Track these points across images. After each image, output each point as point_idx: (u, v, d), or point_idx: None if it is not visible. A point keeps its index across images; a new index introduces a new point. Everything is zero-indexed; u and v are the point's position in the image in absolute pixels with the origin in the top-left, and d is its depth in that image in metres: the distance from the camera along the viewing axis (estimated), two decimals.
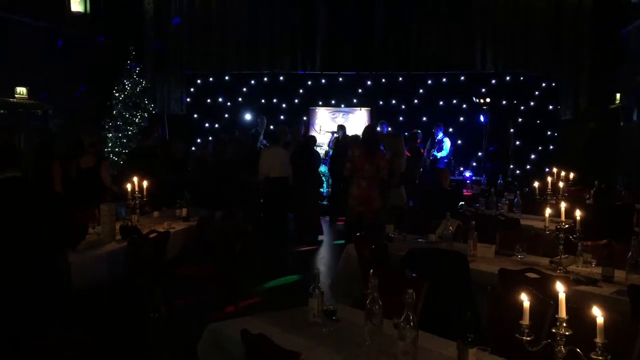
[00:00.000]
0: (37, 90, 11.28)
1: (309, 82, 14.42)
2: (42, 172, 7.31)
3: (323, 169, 12.48)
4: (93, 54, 12.72)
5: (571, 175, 8.78)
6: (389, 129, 12.01)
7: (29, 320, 3.79)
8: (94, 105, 12.70)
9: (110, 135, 12.54)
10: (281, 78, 14.43)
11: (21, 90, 11.03)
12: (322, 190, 12.57)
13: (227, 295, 6.03)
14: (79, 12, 12.56)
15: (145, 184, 6.30)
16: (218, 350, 3.29)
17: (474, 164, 13.40)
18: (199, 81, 14.64)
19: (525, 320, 2.53)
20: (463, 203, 8.50)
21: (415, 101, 14.17)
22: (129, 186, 6.14)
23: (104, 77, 12.88)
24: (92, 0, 12.88)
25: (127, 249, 5.17)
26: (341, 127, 12.65)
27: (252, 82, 14.49)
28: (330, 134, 13.26)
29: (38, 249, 3.84)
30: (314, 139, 11.32)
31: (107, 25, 13.21)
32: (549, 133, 13.71)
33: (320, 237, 10.14)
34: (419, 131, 11.70)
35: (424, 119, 13.86)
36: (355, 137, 10.28)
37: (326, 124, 14.12)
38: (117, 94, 12.87)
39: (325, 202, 12.51)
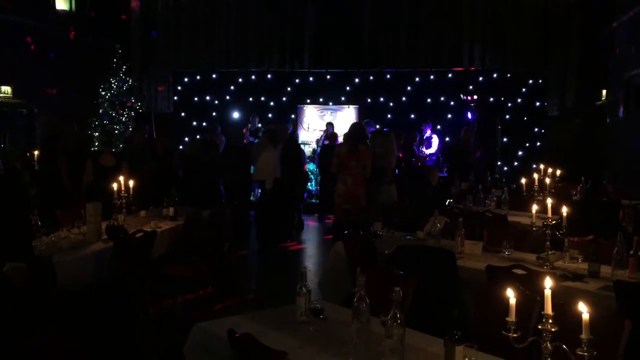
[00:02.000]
0: (22, 89, 11.17)
1: (297, 80, 14.40)
2: (49, 168, 7.42)
3: (311, 166, 12.46)
4: (79, 52, 12.61)
5: (558, 171, 8.83)
6: (377, 126, 12.02)
7: (15, 321, 3.75)
8: (80, 103, 12.59)
9: (97, 134, 12.45)
10: (269, 76, 14.39)
11: (6, 89, 10.91)
12: (310, 188, 12.56)
13: (214, 294, 6.01)
14: (64, 10, 12.43)
15: (131, 183, 6.26)
16: (205, 350, 3.27)
17: None
18: (186, 79, 14.57)
19: (512, 317, 2.53)
20: (451, 200, 8.54)
21: (404, 99, 14.18)
22: (115, 185, 6.10)
23: (90, 76, 12.78)
24: None
25: (114, 249, 5.13)
26: (330, 125, 12.65)
27: (240, 80, 14.44)
28: (320, 132, 13.26)
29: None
30: (296, 137, 11.30)
31: (93, 23, 13.10)
32: (536, 130, 13.78)
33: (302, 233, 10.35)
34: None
35: (412, 116, 13.89)
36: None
37: (314, 121, 14.11)
38: (103, 93, 12.78)
39: (314, 200, 12.50)
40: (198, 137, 13.83)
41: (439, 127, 13.53)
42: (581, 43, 12.98)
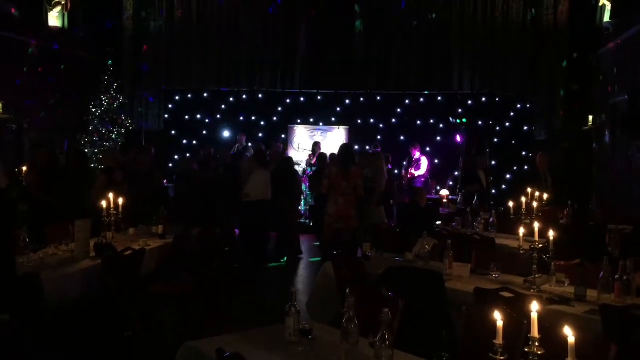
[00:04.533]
0: (12, 105, 11.14)
1: (288, 100, 14.47)
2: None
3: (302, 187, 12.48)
4: (70, 68, 12.62)
5: (545, 195, 8.90)
6: (378, 149, 12.09)
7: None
8: (71, 120, 12.58)
9: (87, 150, 12.42)
10: (260, 96, 14.46)
11: None
12: (300, 208, 12.57)
13: (203, 313, 5.97)
14: (57, 27, 12.48)
15: (121, 200, 6.25)
16: None
17: (451, 183, 13.52)
18: (177, 97, 14.61)
19: (499, 340, 2.56)
20: (440, 222, 8.58)
21: (393, 120, 14.30)
22: (104, 203, 6.09)
23: (81, 92, 12.79)
24: (71, 15, 12.81)
25: (101, 267, 5.11)
26: (317, 145, 12.75)
27: (231, 99, 14.50)
28: (309, 152, 13.32)
29: None
30: (291, 159, 11.35)
31: (86, 40, 13.15)
32: (523, 153, 13.91)
33: (300, 256, 10.26)
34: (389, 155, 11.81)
35: (402, 138, 13.99)
36: (332, 155, 10.34)
37: (304, 142, 14.17)
38: (94, 109, 12.77)
39: (304, 220, 12.51)
40: (188, 155, 13.81)
41: (428, 149, 13.63)
42: (568, 69, 13.19)
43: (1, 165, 7.43)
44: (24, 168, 9.59)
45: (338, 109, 14.42)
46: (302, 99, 14.44)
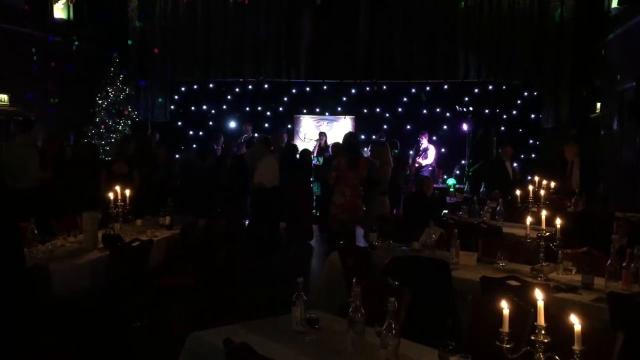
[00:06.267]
0: (18, 97, 11.17)
1: (294, 90, 14.45)
2: None
3: None
4: (76, 60, 12.64)
5: (552, 183, 8.87)
6: (382, 139, 12.05)
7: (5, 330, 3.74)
8: (77, 112, 12.61)
9: (94, 142, 12.45)
10: (266, 86, 14.44)
11: (2, 97, 10.92)
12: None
13: (209, 304, 6.01)
14: (62, 19, 12.49)
15: (127, 191, 6.28)
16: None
17: (457, 172, 13.48)
18: (183, 89, 14.61)
19: (505, 328, 2.56)
20: (446, 211, 8.57)
21: (399, 109, 14.24)
22: (111, 194, 6.12)
23: (87, 84, 12.81)
24: (76, 7, 12.81)
25: (109, 258, 5.13)
26: (323, 135, 12.72)
27: (237, 89, 14.49)
28: (315, 142, 13.31)
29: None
30: (296, 147, 11.35)
31: (91, 32, 13.15)
32: (530, 141, 13.85)
33: (310, 241, 10.35)
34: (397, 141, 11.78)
35: (408, 127, 13.95)
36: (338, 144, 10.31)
37: (310, 131, 14.16)
38: (100, 101, 12.80)
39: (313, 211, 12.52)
40: (194, 146, 13.84)
41: (434, 138, 13.58)
42: (575, 56, 13.08)
43: None
44: None
45: (344, 98, 14.37)
46: (307, 88, 14.41)
